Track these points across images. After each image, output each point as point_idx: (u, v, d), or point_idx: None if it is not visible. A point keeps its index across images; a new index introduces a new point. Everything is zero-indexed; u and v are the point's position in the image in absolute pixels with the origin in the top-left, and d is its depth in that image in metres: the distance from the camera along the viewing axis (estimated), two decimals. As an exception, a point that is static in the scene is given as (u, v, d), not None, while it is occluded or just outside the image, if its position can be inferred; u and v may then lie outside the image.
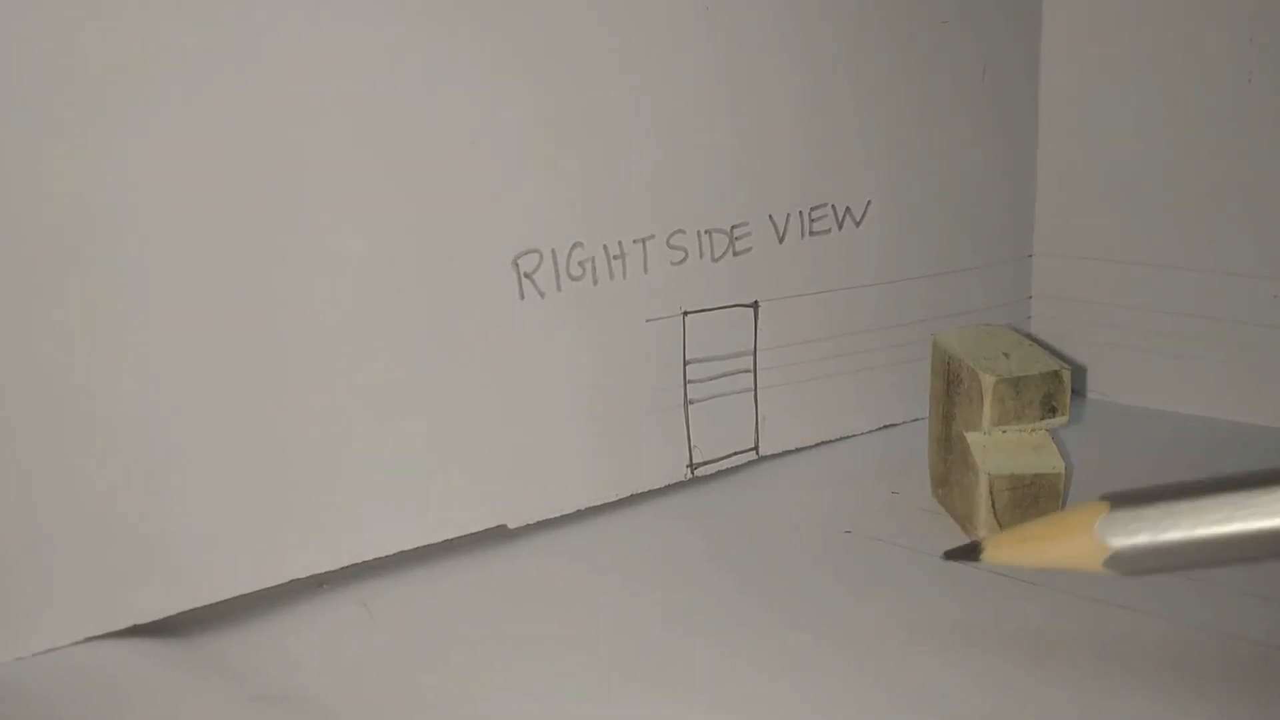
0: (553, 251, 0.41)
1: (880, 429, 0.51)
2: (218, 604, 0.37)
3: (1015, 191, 0.54)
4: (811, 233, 0.47)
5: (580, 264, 0.42)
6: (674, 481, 0.46)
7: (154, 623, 0.36)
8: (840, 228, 0.48)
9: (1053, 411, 0.40)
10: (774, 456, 0.48)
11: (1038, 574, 0.39)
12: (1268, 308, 0.50)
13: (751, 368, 0.47)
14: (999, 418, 0.40)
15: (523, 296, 0.41)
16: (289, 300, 0.36)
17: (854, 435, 0.50)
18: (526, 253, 0.40)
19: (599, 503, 0.44)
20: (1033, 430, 0.41)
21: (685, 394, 0.45)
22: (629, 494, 0.44)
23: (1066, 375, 0.40)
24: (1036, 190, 0.54)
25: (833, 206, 0.47)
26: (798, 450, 0.49)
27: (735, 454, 0.47)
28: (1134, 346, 0.53)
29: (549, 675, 0.34)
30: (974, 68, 0.51)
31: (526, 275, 0.41)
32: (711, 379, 0.46)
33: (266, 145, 0.35)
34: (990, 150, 0.52)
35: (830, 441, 0.50)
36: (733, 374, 0.46)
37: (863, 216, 0.48)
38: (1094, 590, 0.37)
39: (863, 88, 0.48)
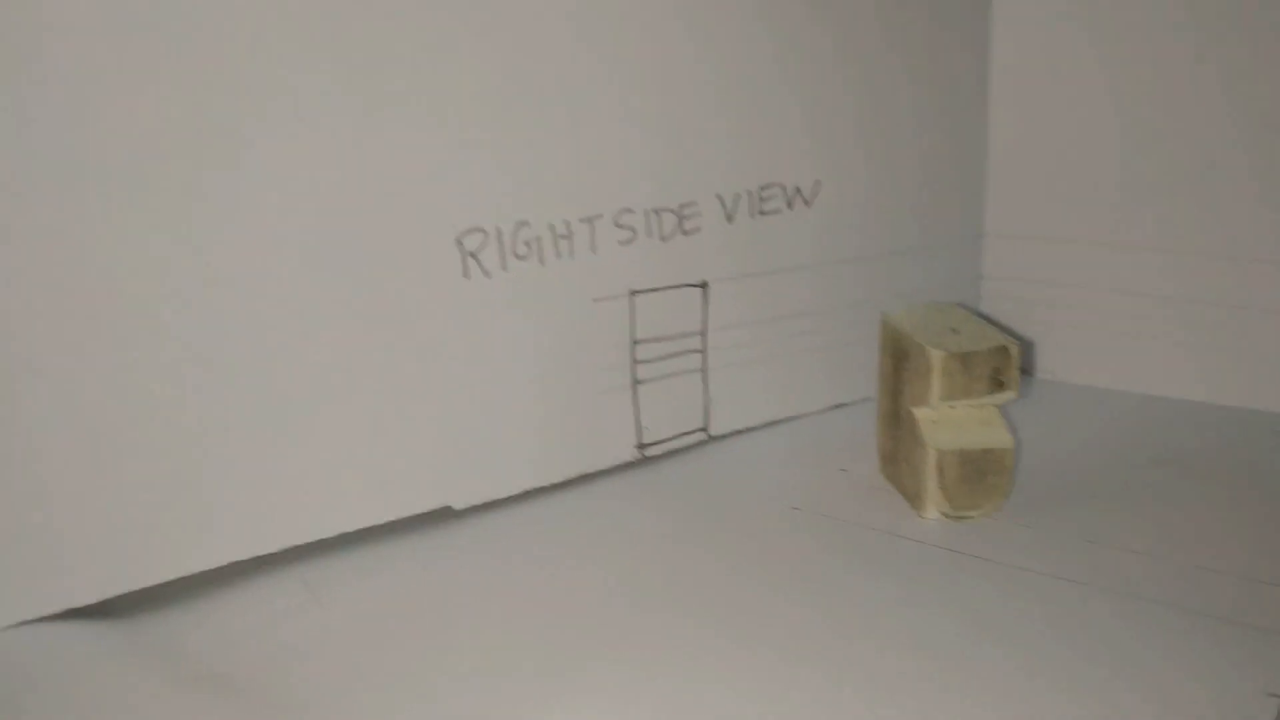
0: (498, 230, 0.41)
1: (831, 408, 0.51)
2: (160, 585, 0.36)
3: (966, 172, 0.54)
4: (761, 212, 0.47)
5: (526, 243, 0.41)
6: (623, 462, 0.45)
7: (96, 604, 0.35)
8: (790, 208, 0.47)
9: (1000, 386, 0.40)
10: (724, 436, 0.48)
11: (980, 547, 0.39)
12: (1215, 286, 0.50)
13: (701, 348, 0.46)
14: (947, 393, 0.40)
15: (467, 275, 0.40)
16: (230, 282, 0.36)
17: (804, 414, 0.50)
18: (471, 231, 0.40)
19: (545, 484, 0.43)
20: (981, 405, 0.40)
21: (634, 374, 0.45)
22: (576, 475, 0.44)
23: (1015, 350, 0.40)
24: (987, 171, 0.54)
25: (782, 186, 0.47)
26: (748, 430, 0.48)
27: (685, 434, 0.47)
28: (1083, 325, 0.53)
29: (490, 654, 0.34)
30: (924, 48, 0.51)
31: (471, 254, 0.40)
32: (660, 359, 0.45)
33: (205, 122, 0.35)
34: (941, 131, 0.52)
35: (781, 421, 0.49)
36: (682, 354, 0.46)
37: (813, 196, 0.48)
38: (1032, 562, 0.38)
39: (813, 69, 0.47)
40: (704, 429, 0.47)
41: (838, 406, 0.51)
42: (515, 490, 0.43)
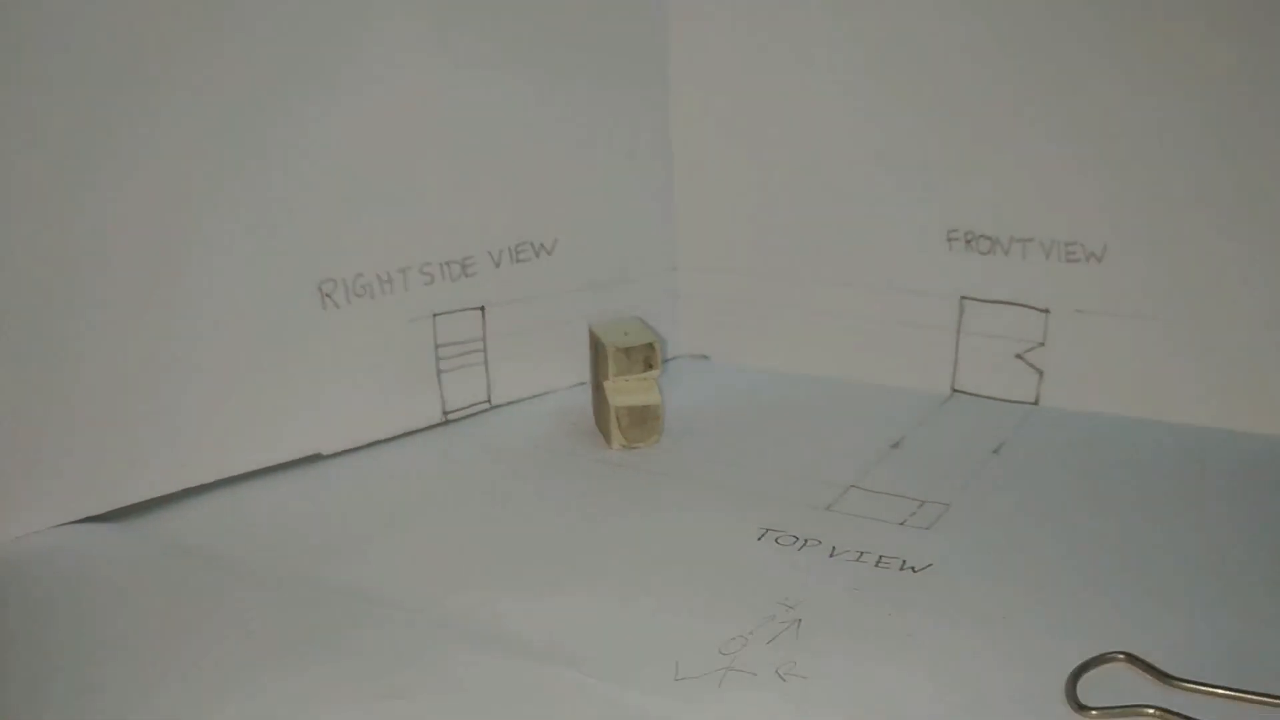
0: (343, 279, 0.65)
1: (574, 385, 0.76)
2: (143, 502, 0.60)
3: (660, 223, 0.78)
4: (518, 261, 0.72)
5: (362, 286, 0.66)
6: (434, 423, 0.70)
7: (107, 512, 0.59)
8: (538, 257, 0.73)
9: (650, 366, 0.66)
10: (501, 405, 0.73)
11: (643, 465, 0.65)
12: (818, 298, 0.75)
13: (483, 348, 0.71)
14: (618, 371, 0.66)
15: (324, 308, 0.65)
16: (189, 302, 0.59)
17: (555, 390, 0.75)
18: (326, 280, 0.65)
19: (384, 437, 0.68)
20: (642, 379, 0.66)
21: (438, 366, 0.70)
22: (404, 431, 0.69)
23: (657, 345, 0.65)
24: (675, 221, 0.78)
25: (531, 243, 0.72)
26: (516, 401, 0.73)
27: (474, 404, 0.72)
28: (744, 325, 0.78)
29: (357, 547, 0.58)
30: (619, 128, 0.74)
31: (327, 295, 0.65)
32: (456, 356, 0.70)
33: (165, 209, 0.59)
34: (639, 194, 0.75)
35: (540, 394, 0.74)
36: (470, 352, 0.71)
37: (554, 248, 0.73)
38: (668, 470, 0.63)
39: (545, 161, 0.71)
40: (488, 401, 0.72)
41: (577, 385, 0.76)
42: (363, 442, 0.67)
